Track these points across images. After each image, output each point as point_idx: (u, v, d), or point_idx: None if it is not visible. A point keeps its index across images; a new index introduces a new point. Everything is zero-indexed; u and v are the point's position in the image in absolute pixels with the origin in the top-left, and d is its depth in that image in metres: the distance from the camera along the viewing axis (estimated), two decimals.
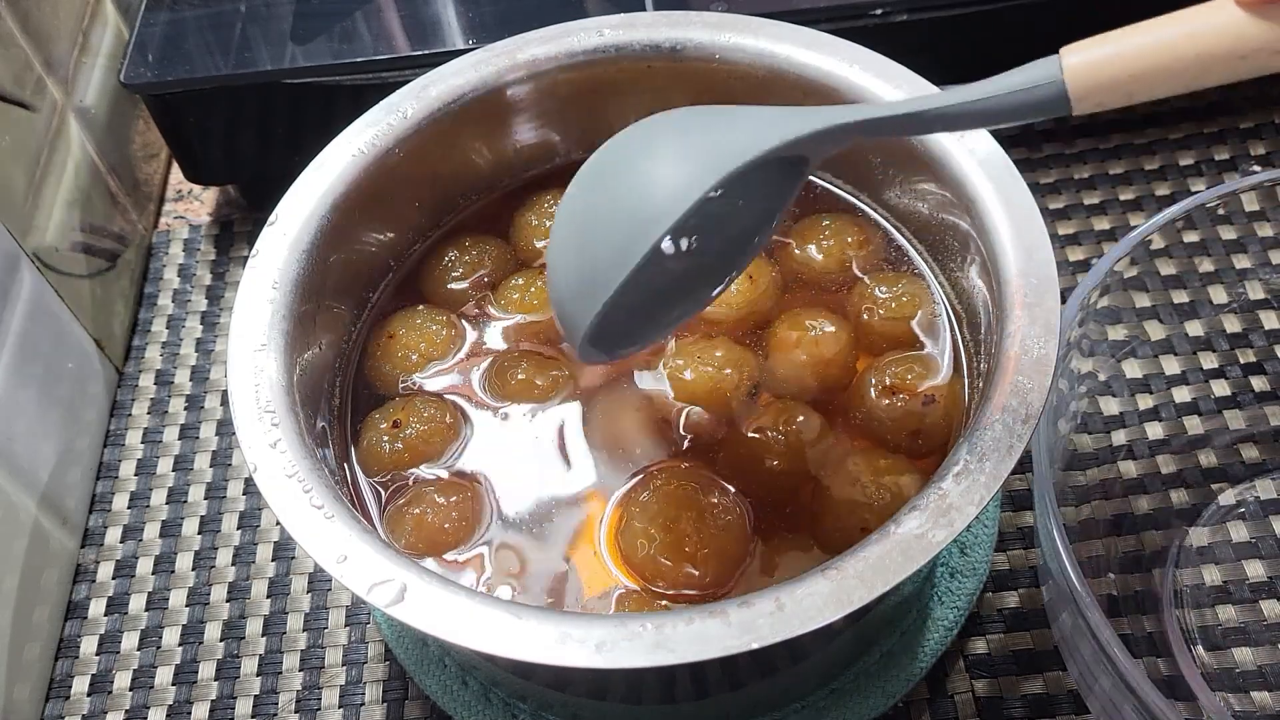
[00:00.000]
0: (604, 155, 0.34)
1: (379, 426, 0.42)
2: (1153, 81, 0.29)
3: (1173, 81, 0.29)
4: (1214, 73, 0.29)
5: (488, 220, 0.48)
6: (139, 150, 0.66)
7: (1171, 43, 0.29)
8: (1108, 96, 0.29)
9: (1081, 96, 0.30)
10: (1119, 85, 0.29)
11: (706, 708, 0.42)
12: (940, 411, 0.40)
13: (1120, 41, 0.29)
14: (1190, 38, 0.28)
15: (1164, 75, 0.29)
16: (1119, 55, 0.29)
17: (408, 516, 0.39)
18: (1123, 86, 0.29)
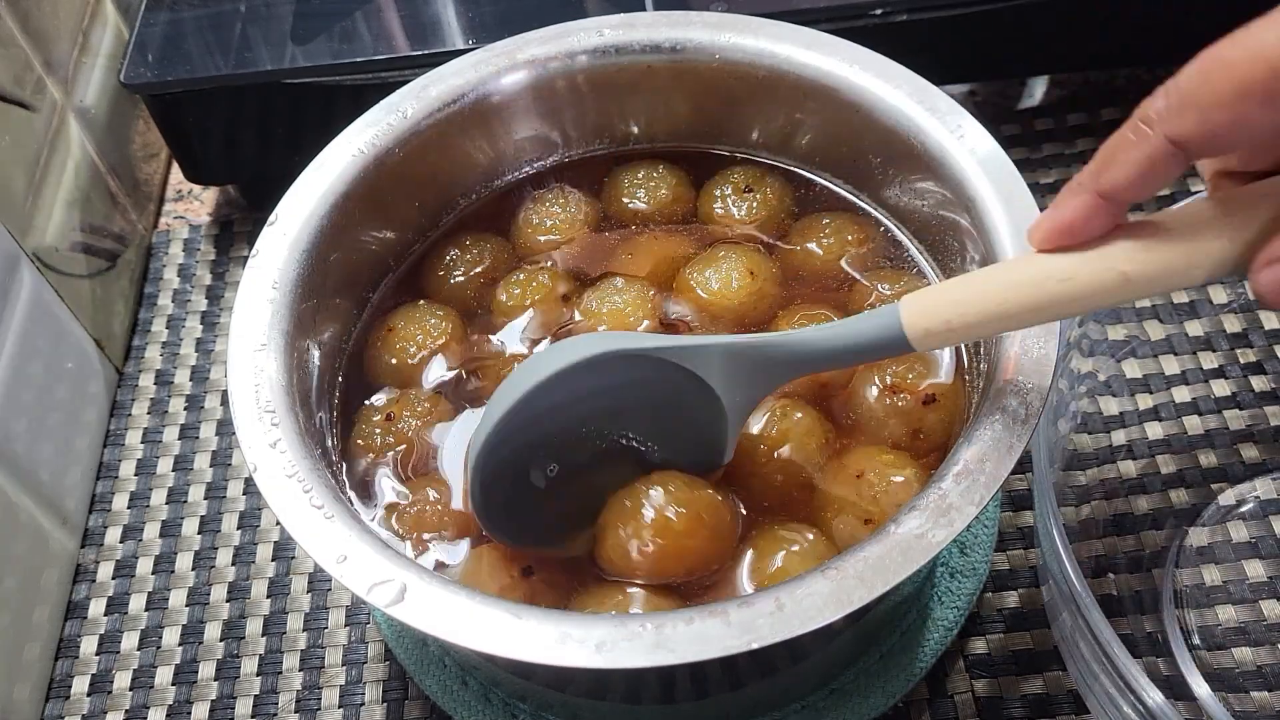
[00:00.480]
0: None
1: (372, 419, 0.42)
2: (982, 329, 0.33)
3: (1003, 326, 0.32)
4: (1026, 321, 0.32)
5: (487, 219, 0.48)
6: (139, 150, 0.66)
7: (995, 293, 0.32)
8: (943, 341, 0.33)
9: (919, 341, 0.33)
10: (952, 333, 0.33)
11: (706, 708, 0.42)
12: (941, 410, 0.40)
13: (945, 294, 0.33)
14: (1011, 288, 0.32)
15: (993, 323, 0.32)
16: (948, 306, 0.33)
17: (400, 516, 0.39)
18: (956, 335, 0.33)
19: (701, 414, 0.38)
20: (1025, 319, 0.32)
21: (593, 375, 0.36)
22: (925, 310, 0.33)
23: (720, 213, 0.47)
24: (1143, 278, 0.30)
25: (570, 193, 0.48)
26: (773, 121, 0.47)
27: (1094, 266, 0.30)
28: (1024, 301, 0.31)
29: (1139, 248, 0.30)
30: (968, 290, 0.32)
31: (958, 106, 0.41)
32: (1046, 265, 0.31)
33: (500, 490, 0.38)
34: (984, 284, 0.32)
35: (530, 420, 0.36)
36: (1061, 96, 0.65)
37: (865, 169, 0.45)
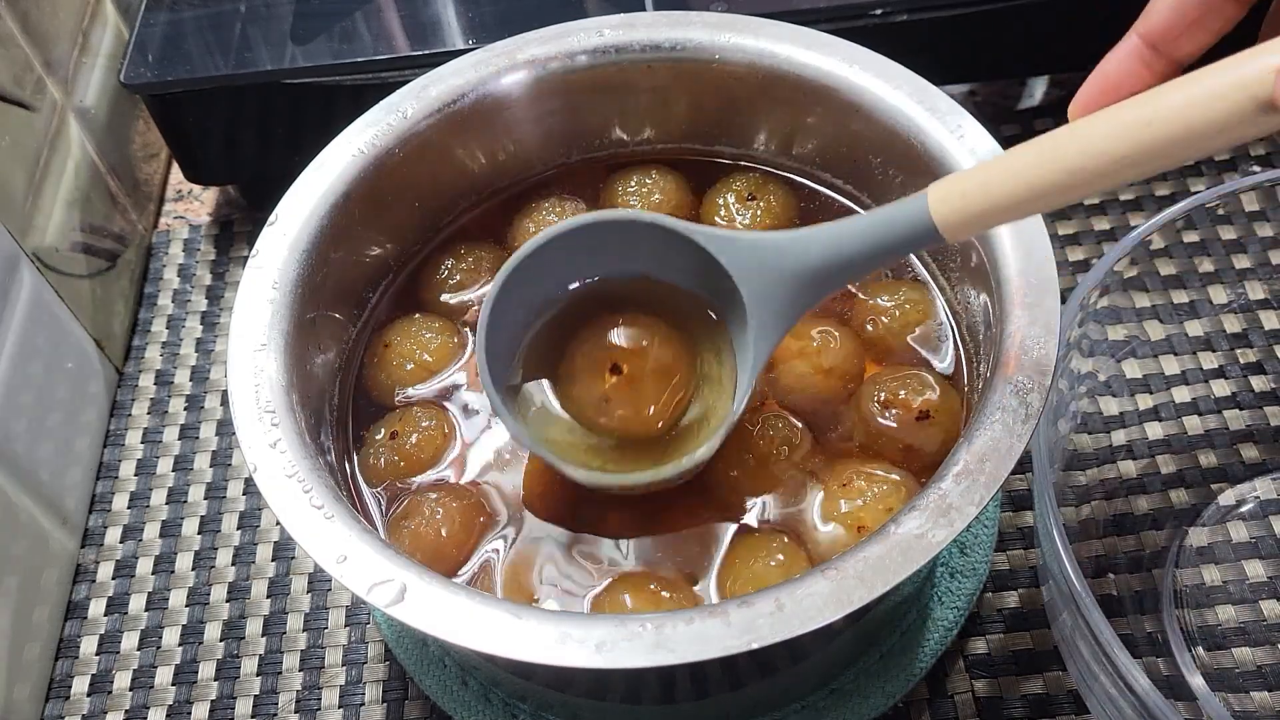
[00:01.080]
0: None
1: (376, 438, 0.42)
2: (1016, 210, 0.30)
3: (1038, 204, 0.30)
4: (1069, 196, 0.30)
5: (486, 226, 0.48)
6: (139, 150, 0.66)
7: (1027, 169, 0.30)
8: (974, 225, 0.31)
9: (949, 226, 0.32)
10: (984, 215, 0.31)
11: (706, 708, 0.42)
12: (935, 427, 0.40)
13: (974, 175, 0.31)
14: (1043, 162, 0.29)
15: (1020, 205, 0.30)
16: (974, 189, 0.31)
17: (406, 529, 0.39)
18: (988, 217, 0.31)
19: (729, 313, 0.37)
20: (1061, 194, 0.29)
21: (613, 244, 0.37)
22: (953, 193, 0.31)
23: (724, 221, 0.47)
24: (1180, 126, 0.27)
25: (568, 200, 0.48)
26: (773, 122, 0.47)
27: (1127, 121, 0.27)
28: (1058, 173, 0.29)
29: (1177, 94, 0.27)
30: (998, 169, 0.30)
31: (958, 106, 0.41)
32: (1082, 132, 0.29)
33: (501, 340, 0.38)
34: (1015, 160, 0.30)
35: (541, 272, 0.37)
36: (1061, 96, 0.65)
37: (865, 170, 0.45)
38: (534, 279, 0.37)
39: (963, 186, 0.31)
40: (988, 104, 0.66)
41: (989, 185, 0.30)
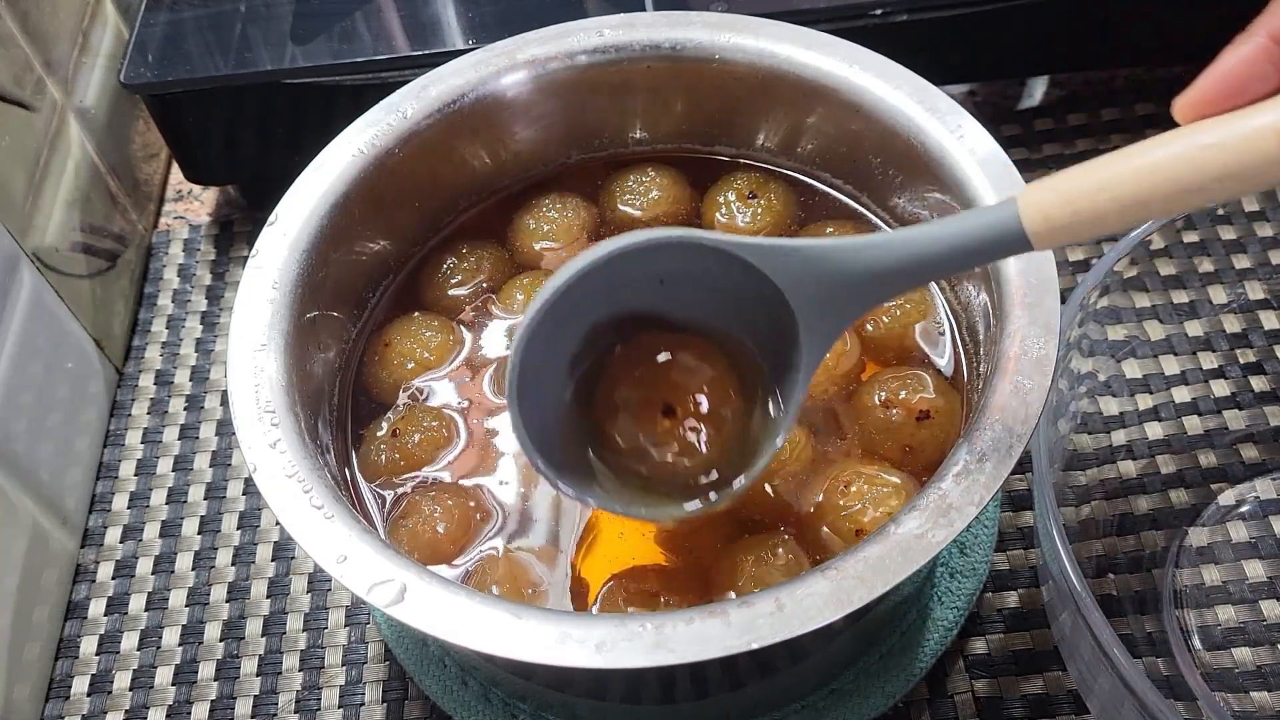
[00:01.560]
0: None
1: (377, 435, 0.42)
2: (1116, 220, 0.28)
3: (1141, 214, 0.28)
4: (1170, 208, 0.28)
5: (486, 225, 0.48)
6: (139, 150, 0.66)
7: (1132, 176, 0.28)
8: (1067, 236, 0.29)
9: (1041, 235, 0.29)
10: (1079, 225, 0.29)
11: (706, 708, 0.42)
12: (935, 427, 0.40)
13: (1070, 180, 0.29)
14: (1151, 169, 0.27)
15: (1130, 211, 0.28)
16: (1074, 197, 0.29)
17: (405, 528, 0.39)
18: (1084, 228, 0.29)
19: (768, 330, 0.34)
20: (1169, 205, 0.27)
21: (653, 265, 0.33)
22: (1048, 200, 0.29)
23: (724, 219, 0.47)
24: None
25: (568, 198, 0.48)
26: (773, 122, 0.47)
27: (1260, 127, 0.25)
28: (1168, 182, 0.27)
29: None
30: (1098, 174, 0.28)
31: (958, 107, 0.41)
32: (1196, 136, 0.26)
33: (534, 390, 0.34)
34: (1118, 166, 0.28)
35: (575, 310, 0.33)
36: (1061, 96, 0.65)
37: (865, 170, 0.45)
38: (562, 319, 0.34)
39: (1060, 194, 0.29)
40: (988, 104, 0.66)
41: (1090, 192, 0.28)
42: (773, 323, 0.34)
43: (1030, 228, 0.29)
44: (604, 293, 0.34)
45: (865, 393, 0.41)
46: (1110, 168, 0.28)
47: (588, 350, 0.36)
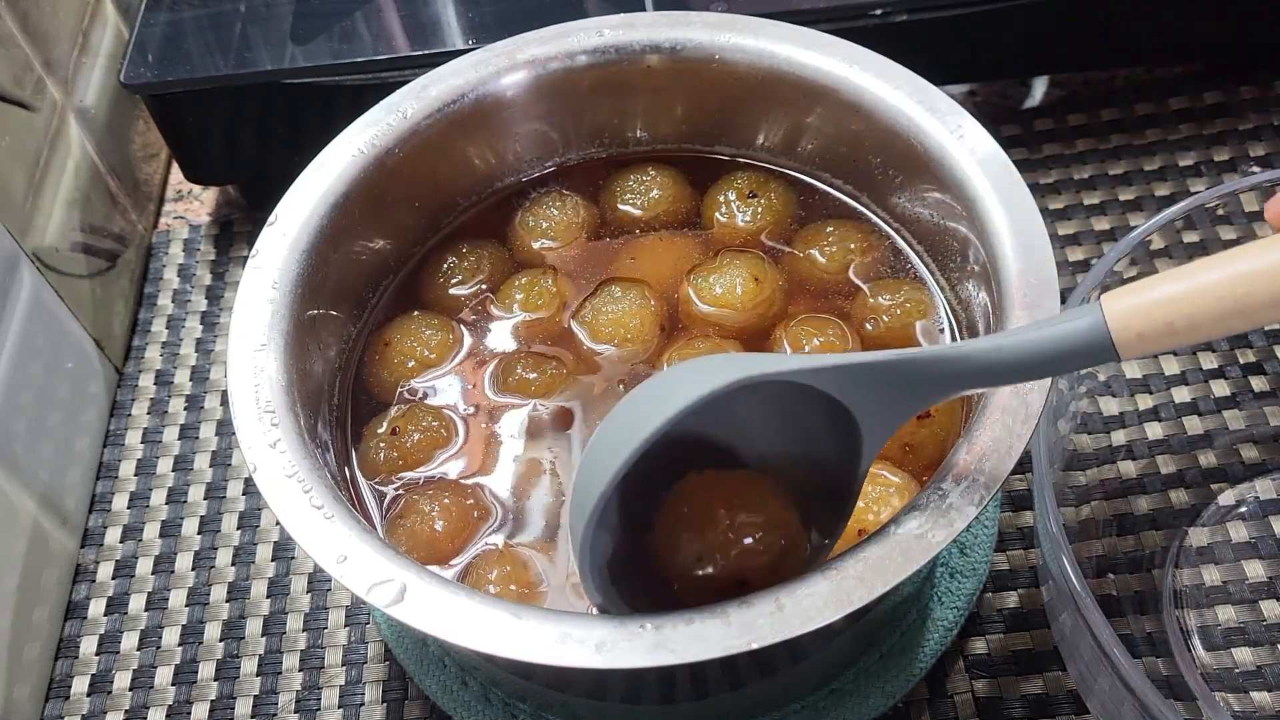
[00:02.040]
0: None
1: (377, 433, 0.42)
2: (1210, 329, 0.28)
3: (1237, 324, 0.28)
4: (1263, 317, 0.27)
5: (486, 224, 0.48)
6: (139, 150, 0.66)
7: (1228, 285, 0.27)
8: (1158, 346, 0.28)
9: (1129, 346, 0.29)
10: (1172, 336, 0.28)
11: (706, 708, 0.42)
12: (935, 426, 0.40)
13: (1158, 289, 0.28)
14: (1248, 278, 0.27)
15: (1226, 320, 0.27)
16: (1157, 305, 0.28)
17: (404, 527, 0.39)
18: (1177, 337, 0.28)
19: (830, 443, 0.33)
20: (1266, 312, 0.27)
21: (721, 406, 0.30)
22: (1138, 309, 0.28)
23: (724, 219, 0.47)
24: None
25: (568, 197, 0.48)
26: (772, 122, 0.47)
27: None
28: (1267, 291, 0.26)
29: None
30: (1192, 283, 0.27)
31: (958, 107, 0.41)
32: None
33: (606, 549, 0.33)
34: (1211, 274, 0.27)
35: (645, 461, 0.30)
36: (1061, 96, 0.65)
37: (865, 170, 0.45)
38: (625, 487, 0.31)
39: (1146, 303, 0.28)
40: (988, 104, 0.66)
41: (1179, 304, 0.27)
42: (835, 431, 0.33)
43: (1120, 340, 0.28)
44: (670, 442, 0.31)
45: None
46: (1201, 276, 0.28)
47: (644, 484, 0.33)
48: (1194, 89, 0.64)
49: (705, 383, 0.30)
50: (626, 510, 0.33)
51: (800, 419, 0.33)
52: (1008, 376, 0.31)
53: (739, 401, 0.32)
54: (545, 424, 0.42)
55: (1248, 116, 0.63)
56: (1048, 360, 0.30)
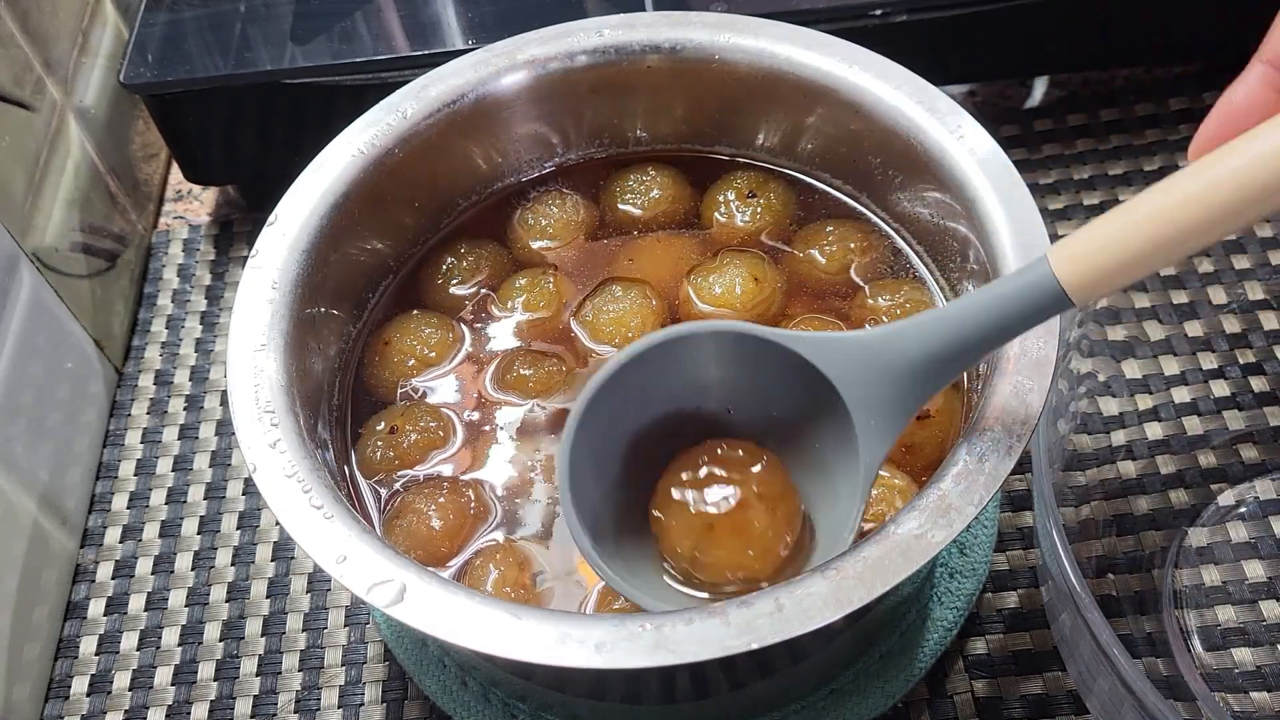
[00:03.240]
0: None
1: (376, 430, 0.42)
2: (1152, 261, 0.29)
3: (1177, 252, 0.28)
4: (1202, 240, 0.28)
5: (486, 224, 0.48)
6: (139, 150, 0.66)
7: (1163, 217, 0.28)
8: (1108, 285, 0.29)
9: (1080, 291, 0.30)
10: (1119, 273, 0.29)
11: (706, 708, 0.42)
12: (934, 427, 0.40)
13: (1097, 231, 0.29)
14: (1178, 207, 0.28)
15: (1165, 250, 0.28)
16: (1099, 247, 0.29)
17: (402, 526, 0.39)
18: (1123, 274, 0.29)
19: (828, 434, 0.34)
20: (1203, 237, 0.28)
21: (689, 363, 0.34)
22: (1081, 254, 0.29)
23: (724, 218, 0.47)
24: None
25: (568, 197, 0.48)
26: (772, 122, 0.47)
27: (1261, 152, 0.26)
28: (1198, 217, 0.27)
29: None
30: (1127, 222, 0.29)
31: (957, 107, 0.41)
32: (1212, 169, 0.27)
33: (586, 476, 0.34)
34: (1143, 211, 0.28)
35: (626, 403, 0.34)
36: (1061, 97, 0.65)
37: (865, 170, 0.45)
38: (609, 410, 0.34)
39: (1085, 245, 0.29)
40: (988, 104, 0.66)
41: (1114, 241, 0.29)
42: (829, 421, 0.34)
43: (1070, 287, 0.29)
44: (657, 388, 0.34)
45: None
46: (1136, 214, 0.29)
47: (641, 447, 0.35)
48: (1194, 89, 0.64)
49: (680, 329, 0.34)
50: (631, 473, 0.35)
51: (794, 396, 0.34)
52: (977, 349, 0.32)
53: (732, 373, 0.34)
54: (544, 423, 0.42)
55: None
56: (1009, 315, 0.31)
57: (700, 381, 0.36)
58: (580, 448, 0.34)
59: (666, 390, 0.35)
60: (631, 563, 0.35)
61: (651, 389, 0.35)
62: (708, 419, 0.36)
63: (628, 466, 0.36)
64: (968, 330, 0.32)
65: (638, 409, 0.35)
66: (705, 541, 0.34)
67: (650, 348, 0.34)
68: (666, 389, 0.35)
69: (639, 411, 0.35)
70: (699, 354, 0.35)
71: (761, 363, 0.34)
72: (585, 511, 0.34)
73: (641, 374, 0.34)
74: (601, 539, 0.35)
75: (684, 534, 0.34)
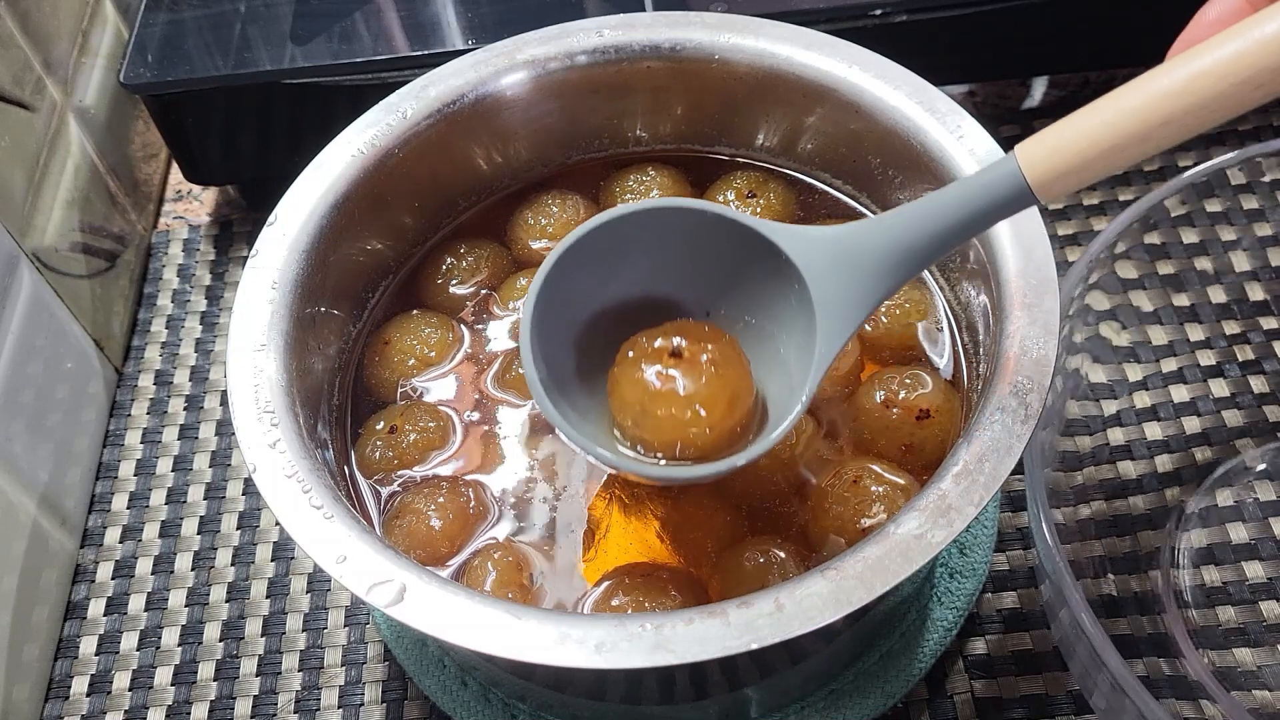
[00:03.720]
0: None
1: (375, 429, 0.42)
2: (1119, 157, 0.29)
3: (1143, 149, 0.29)
4: (1166, 136, 0.29)
5: (486, 225, 0.48)
6: (139, 150, 0.66)
7: (1132, 111, 0.29)
8: (1074, 182, 0.30)
9: (1045, 185, 0.30)
10: (1085, 168, 0.30)
11: (706, 708, 0.42)
12: (934, 427, 0.40)
13: (1067, 127, 0.30)
14: (1150, 100, 0.29)
15: (1116, 152, 0.29)
16: (1067, 143, 0.30)
17: (401, 525, 0.39)
18: (1090, 169, 0.30)
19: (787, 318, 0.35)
20: (1171, 132, 0.28)
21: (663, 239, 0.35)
22: (1049, 150, 0.30)
23: None
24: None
25: (569, 196, 0.48)
26: (772, 122, 0.47)
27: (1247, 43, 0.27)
28: (1167, 110, 0.28)
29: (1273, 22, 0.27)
30: (1089, 119, 0.29)
31: (957, 107, 0.41)
32: (1187, 66, 0.28)
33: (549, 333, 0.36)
34: (1114, 105, 0.29)
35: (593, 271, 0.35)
36: (1061, 97, 0.65)
37: (865, 171, 0.45)
38: (580, 272, 0.35)
39: (1054, 142, 0.30)
40: (988, 104, 0.66)
41: (1082, 136, 0.29)
42: (791, 311, 0.35)
43: (1032, 179, 0.30)
44: (625, 261, 0.36)
45: (865, 392, 0.41)
46: (1091, 114, 0.29)
47: (608, 322, 0.37)
48: None
49: (660, 202, 0.36)
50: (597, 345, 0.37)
51: (765, 288, 0.36)
52: (943, 243, 0.33)
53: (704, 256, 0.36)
54: (544, 422, 0.42)
55: (1247, 117, 0.63)
56: (973, 213, 0.32)
57: (672, 262, 0.37)
58: (550, 300, 0.35)
59: (641, 263, 0.37)
60: (584, 418, 0.36)
61: (626, 258, 0.36)
62: (676, 308, 0.38)
63: (595, 337, 0.37)
64: (933, 224, 0.32)
65: (608, 278, 0.37)
66: (654, 397, 0.35)
67: (631, 213, 0.35)
68: (641, 262, 0.37)
69: (609, 281, 0.37)
70: (676, 230, 0.36)
71: (733, 249, 0.35)
72: (542, 359, 0.35)
73: (617, 240, 0.35)
74: (562, 391, 0.36)
75: (634, 387, 0.35)
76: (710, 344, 0.35)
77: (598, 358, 0.37)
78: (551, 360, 0.36)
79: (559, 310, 0.36)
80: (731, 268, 0.36)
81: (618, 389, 0.36)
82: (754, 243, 0.35)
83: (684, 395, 0.34)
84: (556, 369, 0.36)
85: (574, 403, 0.36)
